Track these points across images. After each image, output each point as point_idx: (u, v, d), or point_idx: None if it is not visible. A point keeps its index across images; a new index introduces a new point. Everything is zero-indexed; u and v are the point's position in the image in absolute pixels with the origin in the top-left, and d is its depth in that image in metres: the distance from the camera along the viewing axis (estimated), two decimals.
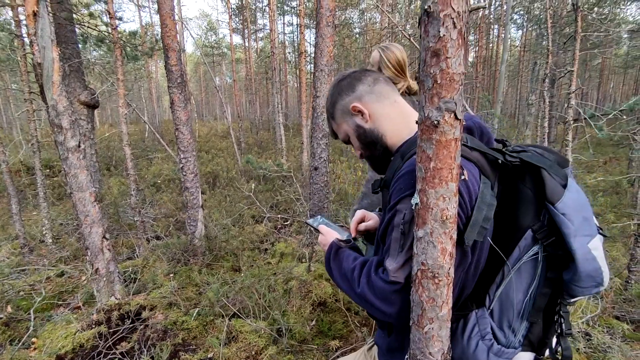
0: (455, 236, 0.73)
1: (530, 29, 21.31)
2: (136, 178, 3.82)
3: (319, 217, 1.32)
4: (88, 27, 4.29)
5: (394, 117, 1.00)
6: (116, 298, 2.76)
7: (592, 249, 0.78)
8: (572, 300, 0.87)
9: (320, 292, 2.95)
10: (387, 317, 0.86)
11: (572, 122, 2.39)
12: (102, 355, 2.33)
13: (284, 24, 24.39)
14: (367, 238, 1.29)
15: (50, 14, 2.46)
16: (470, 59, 23.61)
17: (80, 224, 2.66)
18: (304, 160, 6.96)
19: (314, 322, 2.76)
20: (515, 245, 0.85)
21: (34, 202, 5.81)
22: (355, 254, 1.04)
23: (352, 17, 18.32)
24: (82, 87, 4.53)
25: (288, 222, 3.94)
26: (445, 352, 0.78)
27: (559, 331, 0.88)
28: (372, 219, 1.27)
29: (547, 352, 0.92)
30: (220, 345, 2.20)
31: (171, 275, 3.31)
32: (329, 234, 1.14)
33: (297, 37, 24.77)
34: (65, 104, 2.52)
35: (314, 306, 2.87)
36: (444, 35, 0.63)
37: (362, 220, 1.27)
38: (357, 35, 15.17)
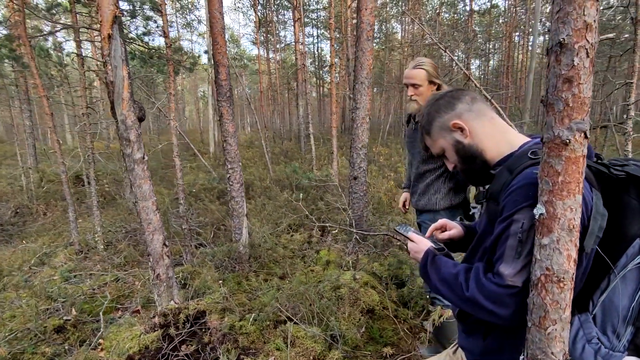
0: (578, 244, 0.79)
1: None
2: (184, 188, 4.01)
3: (404, 225, 1.39)
4: (139, 45, 4.60)
5: (492, 133, 1.08)
6: (175, 302, 2.89)
7: None
8: None
9: (368, 299, 3.00)
10: (497, 318, 0.92)
11: (631, 133, 2.40)
12: (167, 357, 2.45)
13: (303, 35, 24.95)
14: (449, 246, 1.36)
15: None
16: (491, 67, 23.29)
17: (143, 231, 2.82)
18: (334, 170, 7.06)
19: (363, 329, 2.81)
20: (622, 253, 0.90)
21: (79, 210, 6.13)
22: (452, 260, 1.11)
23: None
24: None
25: (335, 231, 4.04)
26: (566, 352, 0.84)
27: None
28: (455, 228, 1.34)
29: None
30: (287, 347, 2.29)
31: (220, 281, 3.43)
32: (422, 242, 1.22)
33: (317, 48, 25.19)
34: (133, 119, 2.70)
35: (362, 313, 2.93)
36: (577, 64, 0.71)
37: (444, 229, 1.35)
38: (384, 47, 15.33)
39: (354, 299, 2.99)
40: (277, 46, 20.95)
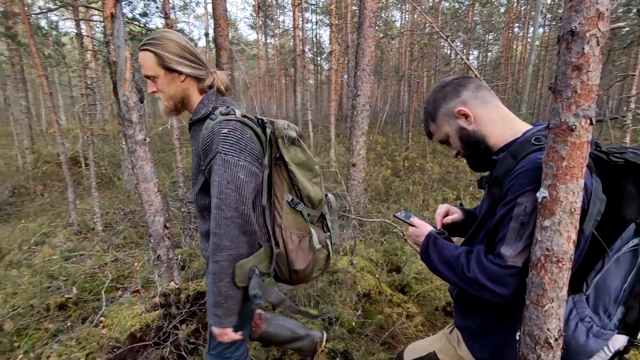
0: (578, 226, 0.83)
1: (553, 28, 20.90)
2: (184, 171, 4.01)
3: (404, 211, 1.43)
4: (137, 26, 4.52)
5: (496, 120, 1.11)
6: (175, 283, 2.93)
7: None
8: None
9: (364, 284, 3.07)
10: (498, 297, 0.96)
11: (630, 125, 2.44)
12: (168, 335, 2.50)
13: (303, 20, 24.58)
14: (449, 230, 1.40)
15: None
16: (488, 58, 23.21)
17: (144, 212, 2.84)
18: (331, 157, 7.08)
19: (359, 312, 2.89)
20: (617, 236, 0.94)
21: (77, 192, 6.11)
22: (452, 244, 1.15)
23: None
24: None
25: None
26: (561, 328, 0.89)
27: None
28: (457, 213, 1.38)
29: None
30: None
31: None
32: (423, 226, 1.25)
33: (315, 34, 24.85)
34: (135, 100, 2.69)
35: (359, 297, 3.00)
36: (587, 52, 0.73)
37: (446, 214, 1.39)
38: (385, 35, 15.15)
39: (350, 283, 3.06)
40: (276, 31, 20.64)
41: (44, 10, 4.27)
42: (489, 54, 22.93)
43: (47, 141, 11.52)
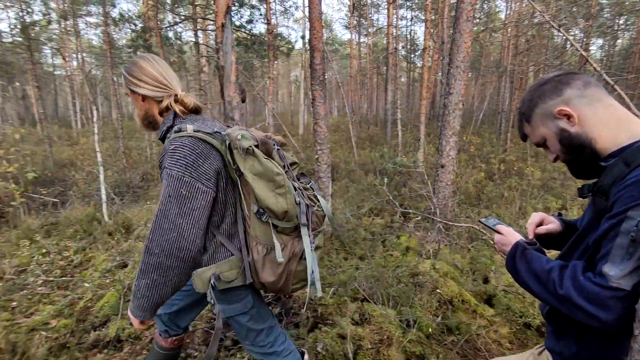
0: None
1: None
2: None
3: (492, 218, 1.35)
4: (244, 32, 5.05)
5: (608, 121, 0.98)
6: None
7: None
8: None
9: (447, 290, 2.94)
10: (596, 321, 0.87)
11: None
12: None
13: (397, 18, 23.95)
14: (543, 242, 1.28)
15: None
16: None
17: None
18: (418, 158, 6.85)
19: (439, 318, 2.78)
20: None
21: None
22: (544, 256, 1.06)
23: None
24: None
25: (418, 218, 4.01)
26: None
27: None
28: (553, 223, 1.25)
29: None
30: (363, 323, 2.40)
31: None
32: (511, 234, 1.17)
33: (409, 31, 24.07)
34: (237, 100, 3.02)
35: (440, 303, 2.89)
36: None
37: (540, 223, 1.27)
38: (484, 29, 13.98)
39: (431, 287, 2.96)
40: (369, 30, 20.59)
41: (172, 24, 5.08)
42: (619, 41, 19.31)
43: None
